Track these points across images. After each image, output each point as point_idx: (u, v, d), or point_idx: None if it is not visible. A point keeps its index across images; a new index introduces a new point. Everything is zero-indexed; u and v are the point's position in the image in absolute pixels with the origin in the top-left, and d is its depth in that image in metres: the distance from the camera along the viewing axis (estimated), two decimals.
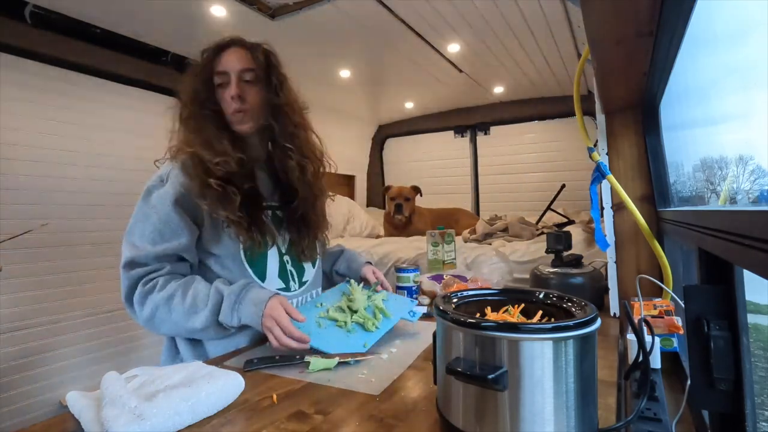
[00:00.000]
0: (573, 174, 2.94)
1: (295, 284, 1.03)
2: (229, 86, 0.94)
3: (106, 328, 2.08)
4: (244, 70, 0.95)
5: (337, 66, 2.47)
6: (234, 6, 1.70)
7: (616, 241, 1.16)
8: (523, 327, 0.46)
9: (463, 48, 2.24)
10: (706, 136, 0.89)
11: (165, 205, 0.89)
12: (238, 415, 0.60)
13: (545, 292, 0.62)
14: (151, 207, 0.90)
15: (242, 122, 0.96)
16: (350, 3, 1.72)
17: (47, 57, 1.82)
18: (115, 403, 0.54)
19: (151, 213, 0.89)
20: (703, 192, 0.94)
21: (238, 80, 0.94)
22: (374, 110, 3.61)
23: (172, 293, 0.85)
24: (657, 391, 0.66)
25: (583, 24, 0.69)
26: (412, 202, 2.90)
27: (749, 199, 0.69)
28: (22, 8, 1.69)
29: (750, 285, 0.61)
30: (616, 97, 1.09)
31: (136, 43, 2.04)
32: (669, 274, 0.97)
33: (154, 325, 0.87)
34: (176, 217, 0.89)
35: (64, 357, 1.92)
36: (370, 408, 0.61)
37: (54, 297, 1.89)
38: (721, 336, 0.60)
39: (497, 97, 3.25)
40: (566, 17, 1.86)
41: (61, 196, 1.92)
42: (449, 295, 0.62)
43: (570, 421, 0.46)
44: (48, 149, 1.87)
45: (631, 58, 0.82)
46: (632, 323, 0.56)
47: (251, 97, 0.96)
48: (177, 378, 0.63)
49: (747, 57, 0.62)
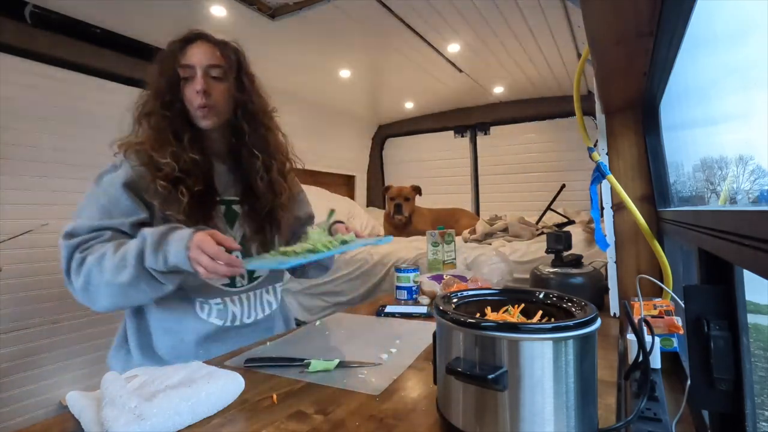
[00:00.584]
0: (573, 174, 2.94)
1: (244, 280, 1.01)
2: (194, 80, 0.93)
3: (106, 329, 2.08)
4: (211, 65, 0.94)
5: (337, 66, 2.47)
6: (234, 6, 1.70)
7: (616, 241, 1.16)
8: (523, 327, 0.46)
9: (463, 48, 2.24)
10: (706, 136, 0.89)
11: (115, 187, 0.87)
12: (238, 415, 0.60)
13: (545, 292, 0.62)
14: (101, 188, 0.89)
15: (206, 118, 0.95)
16: (350, 3, 1.72)
17: (47, 57, 1.82)
18: (115, 403, 0.54)
19: (100, 194, 0.88)
20: (703, 192, 0.94)
21: (204, 75, 0.93)
22: (374, 110, 3.61)
23: (103, 252, 0.82)
24: (657, 391, 0.66)
25: (583, 24, 0.69)
26: (411, 202, 2.90)
27: (749, 199, 0.69)
28: (22, 8, 1.69)
29: (750, 285, 0.61)
30: (616, 97, 1.09)
31: (136, 43, 2.04)
32: (669, 274, 0.97)
33: (89, 295, 0.83)
34: (126, 198, 0.87)
35: (64, 357, 1.92)
36: (370, 408, 0.61)
37: (54, 297, 1.89)
38: (721, 336, 0.60)
39: (497, 97, 3.26)
40: (566, 17, 1.86)
41: (60, 196, 1.92)
42: (449, 295, 0.62)
43: (570, 421, 0.46)
44: (47, 149, 1.87)
45: (631, 58, 0.81)
46: (632, 323, 0.56)
47: (217, 94, 0.94)
48: (177, 378, 0.63)
49: (747, 57, 0.62)
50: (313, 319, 1.59)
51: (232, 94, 0.97)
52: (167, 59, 0.94)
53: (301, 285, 2.38)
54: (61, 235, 0.87)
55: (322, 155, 3.46)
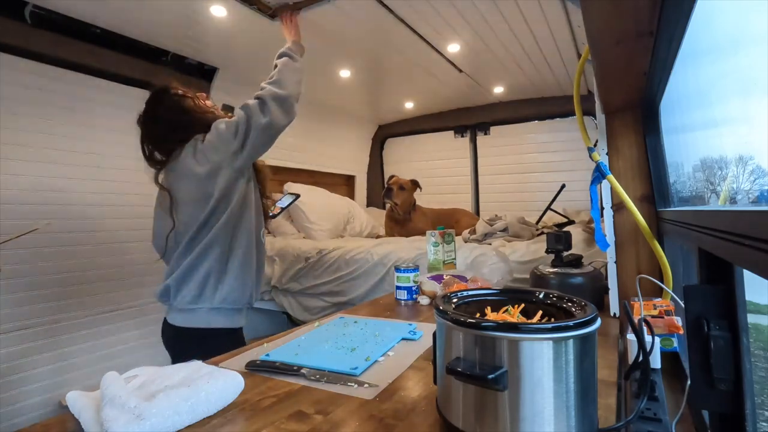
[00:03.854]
0: (573, 174, 2.94)
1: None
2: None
3: (106, 328, 2.08)
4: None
5: (337, 66, 2.47)
6: (234, 6, 1.70)
7: (616, 241, 1.16)
8: (523, 327, 0.46)
9: (463, 48, 2.24)
10: (706, 139, 0.89)
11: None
12: (238, 415, 0.60)
13: (545, 292, 0.62)
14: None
15: None
16: (350, 3, 1.72)
17: (47, 57, 1.82)
18: (114, 403, 0.54)
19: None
20: (703, 192, 0.93)
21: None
22: (374, 110, 3.61)
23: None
24: (657, 391, 0.66)
25: (583, 24, 0.69)
26: (407, 193, 2.88)
27: (749, 199, 0.69)
28: (22, 8, 1.69)
29: (750, 285, 0.61)
30: (616, 97, 1.09)
31: (136, 43, 2.03)
32: (669, 274, 0.97)
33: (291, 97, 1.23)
34: None
35: (64, 357, 1.92)
36: (370, 408, 0.61)
37: (54, 297, 1.89)
38: (721, 336, 0.60)
39: (497, 97, 3.25)
40: (566, 17, 1.86)
41: (60, 196, 1.92)
42: (449, 295, 0.62)
43: (570, 421, 0.46)
44: (48, 149, 1.87)
45: (631, 58, 0.81)
46: (632, 323, 0.56)
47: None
48: (177, 378, 0.63)
49: (749, 63, 0.61)
50: (312, 319, 1.59)
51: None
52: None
53: (301, 285, 2.38)
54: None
55: (322, 155, 3.46)
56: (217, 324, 1.20)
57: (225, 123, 1.20)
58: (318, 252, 2.36)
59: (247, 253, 1.23)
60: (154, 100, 1.27)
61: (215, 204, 1.17)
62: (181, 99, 1.28)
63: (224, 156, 1.16)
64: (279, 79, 1.25)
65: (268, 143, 1.21)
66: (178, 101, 1.27)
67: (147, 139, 1.26)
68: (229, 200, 1.19)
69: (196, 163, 1.17)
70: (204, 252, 1.17)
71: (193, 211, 1.18)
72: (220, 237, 1.18)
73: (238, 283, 1.21)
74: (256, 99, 1.20)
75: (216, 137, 1.18)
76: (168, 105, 1.26)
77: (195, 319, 1.19)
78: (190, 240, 1.18)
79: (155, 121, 1.25)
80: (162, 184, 1.23)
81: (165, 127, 1.24)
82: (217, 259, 1.18)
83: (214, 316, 1.20)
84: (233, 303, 1.21)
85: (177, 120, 1.25)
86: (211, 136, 1.19)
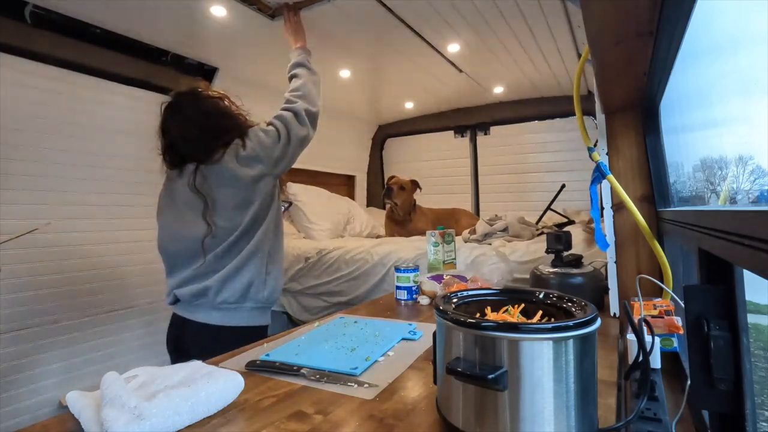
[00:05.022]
0: (573, 174, 2.94)
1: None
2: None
3: (106, 329, 2.08)
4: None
5: (337, 66, 2.47)
6: (234, 6, 1.70)
7: (616, 241, 1.16)
8: (523, 327, 0.46)
9: (463, 48, 2.24)
10: (706, 139, 0.89)
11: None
12: (238, 415, 0.60)
13: (545, 292, 0.62)
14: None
15: None
16: (350, 3, 1.71)
17: (47, 57, 1.82)
18: (114, 403, 0.54)
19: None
20: (703, 192, 0.93)
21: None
22: (374, 110, 3.61)
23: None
24: (657, 391, 0.66)
25: (583, 24, 0.69)
26: (407, 193, 2.88)
27: (749, 199, 0.69)
28: (22, 8, 1.69)
29: (750, 285, 0.60)
30: (616, 97, 1.08)
31: (136, 43, 2.03)
32: (669, 274, 0.97)
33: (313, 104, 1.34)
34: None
35: (64, 357, 1.92)
36: (370, 408, 0.61)
37: (54, 297, 1.89)
38: (721, 336, 0.60)
39: (497, 97, 3.25)
40: (566, 17, 1.86)
41: (60, 196, 1.91)
42: (449, 295, 0.62)
43: (570, 421, 0.46)
44: (47, 149, 1.86)
45: (631, 58, 0.81)
46: (632, 323, 0.56)
47: None
48: (177, 378, 0.63)
49: (749, 63, 0.61)
50: (312, 319, 1.59)
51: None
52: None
53: (301, 285, 2.38)
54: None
55: (322, 155, 3.45)
56: (257, 322, 1.26)
57: (263, 131, 1.24)
58: (318, 252, 2.36)
59: (282, 254, 1.33)
60: (190, 103, 1.22)
61: (258, 210, 1.21)
62: (217, 101, 1.25)
63: (267, 164, 1.21)
64: (306, 94, 1.34)
65: (299, 154, 1.29)
66: (216, 103, 1.24)
67: (181, 143, 1.21)
68: (269, 206, 1.25)
69: (240, 169, 1.18)
70: (250, 256, 1.21)
71: (232, 215, 1.19)
72: (264, 242, 1.23)
73: (277, 283, 1.28)
74: (290, 111, 1.28)
75: (258, 145, 1.21)
76: (206, 108, 1.22)
77: (237, 317, 1.21)
78: (231, 244, 1.19)
79: (194, 124, 1.20)
80: (198, 189, 1.19)
81: (204, 131, 1.20)
82: (262, 262, 1.23)
83: (256, 315, 1.25)
84: (271, 302, 1.28)
85: (217, 124, 1.22)
86: (253, 143, 1.21)
